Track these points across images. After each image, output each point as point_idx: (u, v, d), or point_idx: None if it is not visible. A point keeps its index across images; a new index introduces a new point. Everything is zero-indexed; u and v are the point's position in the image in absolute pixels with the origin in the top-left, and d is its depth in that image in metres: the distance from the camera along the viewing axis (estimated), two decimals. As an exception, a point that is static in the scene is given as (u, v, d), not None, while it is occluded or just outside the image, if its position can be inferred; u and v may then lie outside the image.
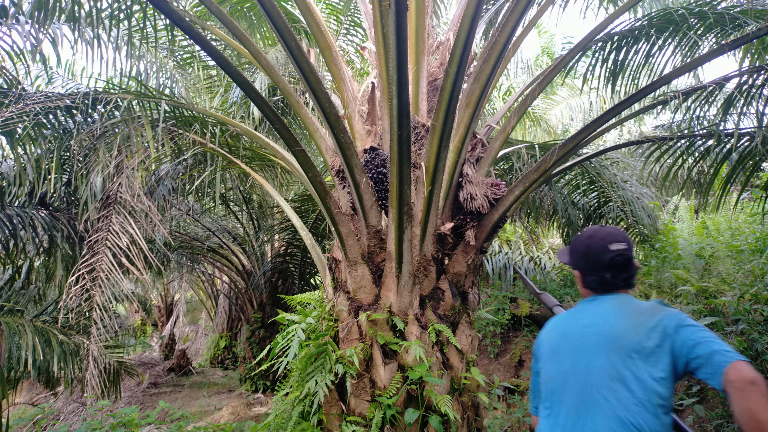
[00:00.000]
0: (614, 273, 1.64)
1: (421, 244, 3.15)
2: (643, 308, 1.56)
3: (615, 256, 1.62)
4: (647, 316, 1.52)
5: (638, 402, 1.44)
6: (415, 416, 2.81)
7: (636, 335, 1.49)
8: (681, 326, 1.46)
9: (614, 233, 1.68)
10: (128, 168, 4.14)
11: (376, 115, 3.56)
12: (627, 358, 1.48)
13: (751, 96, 3.73)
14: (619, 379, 1.47)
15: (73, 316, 3.81)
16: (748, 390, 1.27)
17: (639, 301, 1.62)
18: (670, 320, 1.48)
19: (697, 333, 1.44)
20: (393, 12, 2.16)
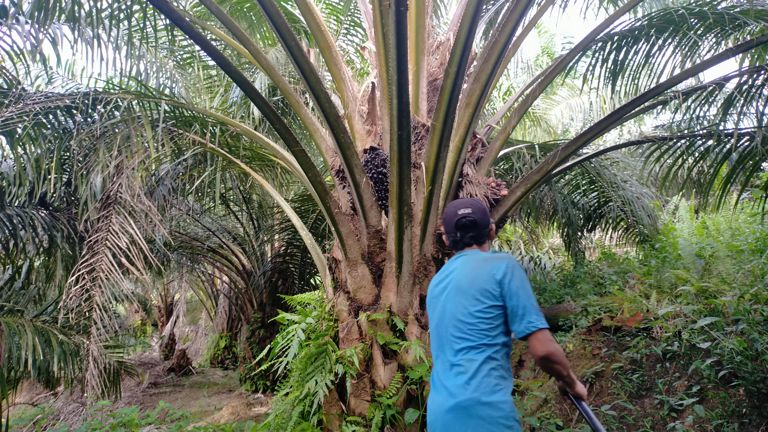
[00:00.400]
0: (462, 232, 1.97)
1: (421, 244, 3.15)
2: (482, 258, 1.88)
3: (460, 218, 1.96)
4: (484, 264, 1.84)
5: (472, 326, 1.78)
6: (415, 416, 2.81)
7: (476, 282, 1.81)
8: (505, 276, 1.76)
9: (465, 202, 2.01)
10: (128, 168, 4.14)
11: (376, 115, 3.56)
12: (470, 298, 1.81)
13: (751, 96, 3.73)
14: (463, 315, 1.81)
15: (73, 316, 3.81)
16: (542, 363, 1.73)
17: (482, 253, 1.93)
18: (500, 268, 1.78)
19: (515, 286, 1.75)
20: (393, 12, 2.16)
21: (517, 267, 1.80)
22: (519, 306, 1.72)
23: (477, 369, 1.74)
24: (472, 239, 1.98)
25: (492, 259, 1.85)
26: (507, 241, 9.19)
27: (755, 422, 3.27)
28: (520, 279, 1.76)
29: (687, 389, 3.82)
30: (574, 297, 6.13)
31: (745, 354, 3.40)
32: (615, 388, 4.28)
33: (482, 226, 1.97)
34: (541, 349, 1.67)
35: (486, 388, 1.71)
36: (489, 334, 1.77)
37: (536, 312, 1.73)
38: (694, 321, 4.09)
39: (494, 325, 1.78)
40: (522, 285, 1.76)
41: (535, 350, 1.69)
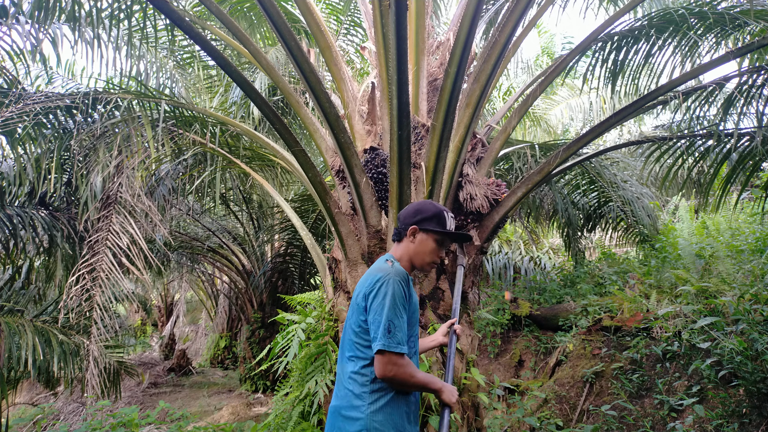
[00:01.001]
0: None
1: (421, 244, 3.14)
2: (372, 268, 1.89)
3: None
4: (366, 275, 1.85)
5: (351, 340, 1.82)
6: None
7: (357, 291, 1.84)
8: (369, 294, 1.76)
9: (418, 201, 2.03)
10: (128, 168, 4.14)
11: (376, 115, 3.56)
12: (351, 308, 1.85)
13: (751, 96, 3.73)
14: (345, 325, 1.88)
15: (73, 316, 3.81)
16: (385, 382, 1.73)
17: (377, 262, 1.92)
18: (369, 285, 1.78)
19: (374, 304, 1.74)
20: (393, 12, 2.16)
21: (388, 282, 1.74)
22: (372, 323, 1.72)
23: (346, 380, 1.79)
24: (395, 235, 1.98)
25: (373, 271, 1.84)
26: (507, 241, 9.19)
27: (755, 422, 3.27)
28: (383, 295, 1.72)
29: (687, 389, 3.83)
30: (574, 297, 6.13)
31: (745, 354, 3.40)
32: (615, 388, 4.28)
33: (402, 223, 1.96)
34: (378, 371, 1.69)
35: (347, 401, 1.76)
36: (359, 346, 1.79)
37: (383, 331, 1.68)
38: (694, 321, 4.09)
39: (363, 339, 1.78)
40: (382, 302, 1.72)
41: (375, 369, 1.71)
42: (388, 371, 1.68)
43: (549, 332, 5.88)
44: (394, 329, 1.69)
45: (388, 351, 1.67)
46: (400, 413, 1.78)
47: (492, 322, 6.04)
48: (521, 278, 7.44)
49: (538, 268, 7.77)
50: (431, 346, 2.21)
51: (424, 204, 1.97)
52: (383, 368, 1.68)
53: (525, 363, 5.83)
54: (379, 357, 1.68)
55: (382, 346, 1.66)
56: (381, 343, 1.67)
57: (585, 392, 4.53)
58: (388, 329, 1.69)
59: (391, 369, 1.68)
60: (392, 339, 1.68)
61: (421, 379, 1.76)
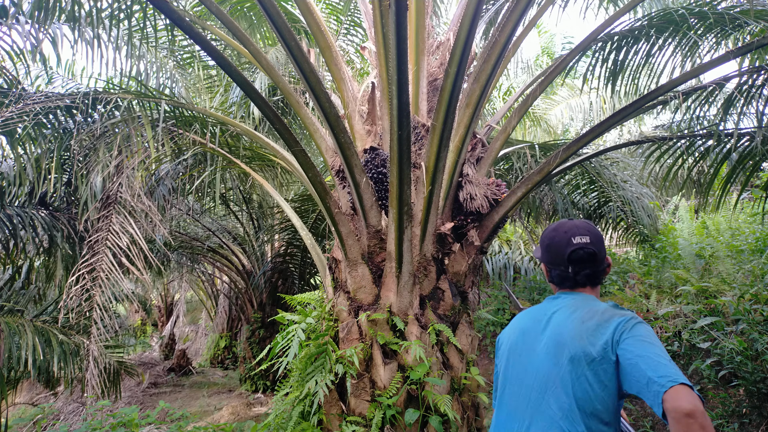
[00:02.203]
0: (575, 267, 1.56)
1: (421, 244, 3.15)
2: (596, 311, 1.48)
3: (576, 249, 1.54)
4: (598, 321, 1.44)
5: (576, 408, 1.39)
6: (415, 416, 2.81)
7: (585, 342, 1.42)
8: (624, 339, 1.37)
9: (579, 226, 1.58)
10: (128, 168, 4.14)
11: (376, 115, 3.56)
12: (575, 365, 1.41)
13: (751, 96, 3.73)
14: (562, 386, 1.42)
15: (73, 316, 3.80)
16: (684, 422, 1.19)
17: (596, 303, 1.53)
18: (618, 329, 1.39)
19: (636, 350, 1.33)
20: (393, 12, 2.16)
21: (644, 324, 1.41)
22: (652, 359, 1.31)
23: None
24: (587, 278, 1.57)
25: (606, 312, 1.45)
26: (507, 241, 9.19)
27: (755, 422, 3.27)
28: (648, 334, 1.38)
29: (687, 389, 3.83)
30: (574, 297, 6.13)
31: (745, 354, 3.40)
32: (615, 388, 4.28)
33: (600, 261, 1.57)
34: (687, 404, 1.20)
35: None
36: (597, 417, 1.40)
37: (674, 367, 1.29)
38: (694, 321, 4.09)
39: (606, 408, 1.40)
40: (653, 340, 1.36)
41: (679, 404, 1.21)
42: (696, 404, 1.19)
43: (549, 332, 5.87)
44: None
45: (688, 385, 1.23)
46: None
47: (492, 322, 6.04)
48: (521, 278, 7.44)
49: (538, 268, 7.77)
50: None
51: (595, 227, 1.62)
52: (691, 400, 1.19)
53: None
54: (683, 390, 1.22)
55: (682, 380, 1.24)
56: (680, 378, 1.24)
57: (585, 392, 4.52)
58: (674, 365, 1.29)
59: (696, 401, 1.20)
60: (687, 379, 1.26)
61: None
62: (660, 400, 1.23)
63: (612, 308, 1.48)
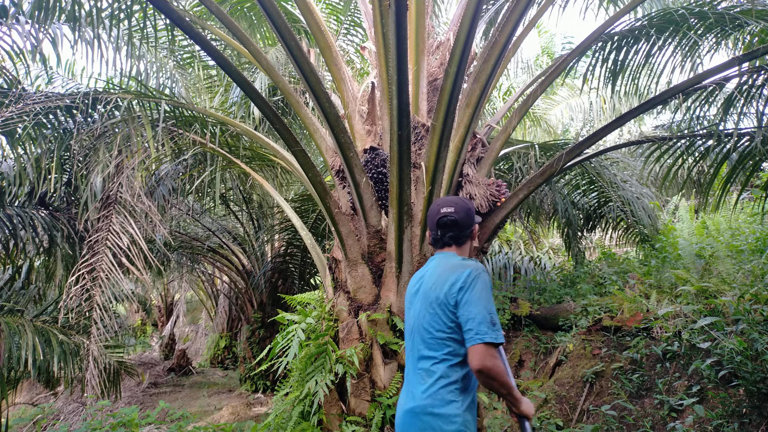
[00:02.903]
0: (442, 231, 1.96)
1: (421, 244, 3.15)
2: (450, 265, 1.84)
3: (442, 217, 1.94)
4: (449, 272, 1.81)
5: (434, 338, 1.80)
6: (415, 416, 2.81)
7: (438, 290, 1.80)
8: (463, 287, 1.74)
9: (449, 200, 1.99)
10: (128, 168, 4.14)
11: (376, 115, 3.55)
12: (432, 307, 1.81)
13: (751, 96, 3.73)
14: (425, 325, 1.83)
15: (73, 316, 3.80)
16: (477, 376, 1.66)
17: (453, 258, 1.90)
18: (459, 281, 1.75)
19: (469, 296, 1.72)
20: (393, 12, 2.16)
21: (480, 275, 1.75)
22: (469, 315, 1.68)
23: (435, 380, 1.76)
24: (451, 239, 1.96)
25: (457, 267, 1.81)
26: (507, 241, 9.19)
27: (755, 422, 3.27)
28: (481, 288, 1.72)
29: (687, 389, 3.83)
30: (574, 297, 6.13)
31: (745, 354, 3.40)
32: (615, 388, 4.28)
33: (463, 227, 1.95)
34: (476, 362, 1.62)
35: (440, 400, 1.73)
36: (449, 346, 1.76)
37: (487, 324, 1.65)
38: (694, 321, 4.09)
39: (455, 338, 1.76)
40: (480, 295, 1.71)
41: (471, 362, 1.65)
42: (488, 362, 1.61)
43: (549, 332, 5.88)
44: (497, 320, 1.68)
45: (492, 343, 1.62)
46: (474, 414, 1.78)
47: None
48: (521, 278, 7.44)
49: (538, 268, 7.77)
50: None
51: (467, 201, 2.00)
52: (482, 360, 1.61)
53: (525, 363, 5.82)
54: (481, 348, 1.61)
55: (488, 339, 1.61)
56: (486, 336, 1.62)
57: (585, 392, 4.53)
58: (492, 322, 1.66)
59: (491, 360, 1.61)
60: (497, 331, 1.64)
61: (509, 381, 1.69)
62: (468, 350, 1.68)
63: (461, 262, 1.85)
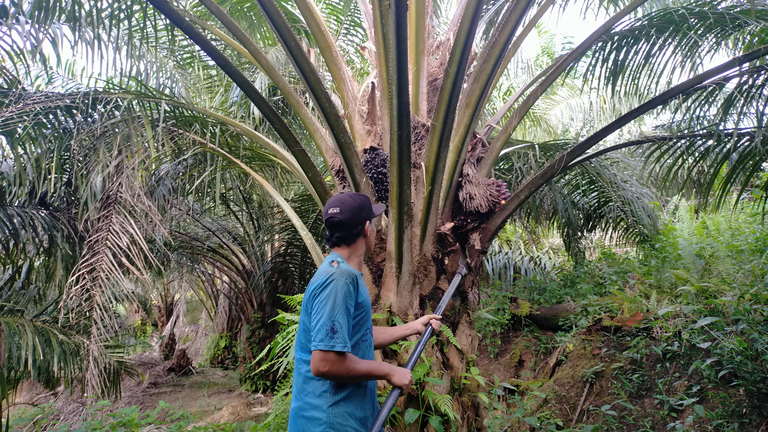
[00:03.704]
0: (330, 231, 1.99)
1: (421, 244, 3.15)
2: (320, 270, 1.88)
3: (329, 218, 1.95)
4: (316, 277, 1.84)
5: (300, 343, 1.86)
6: (415, 416, 2.81)
7: (307, 293, 1.85)
8: (317, 289, 1.77)
9: (337, 199, 1.98)
10: (128, 168, 4.14)
11: (376, 115, 3.55)
12: (303, 311, 1.85)
13: (751, 96, 3.73)
14: (300, 328, 1.88)
15: (73, 316, 3.80)
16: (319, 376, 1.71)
17: (325, 263, 1.91)
18: (318, 282, 1.78)
19: (316, 305, 1.75)
20: (393, 12, 2.16)
21: (334, 282, 1.75)
22: (314, 321, 1.73)
23: (303, 381, 1.81)
24: (339, 240, 1.97)
25: (321, 273, 1.83)
26: (507, 241, 9.19)
27: (755, 422, 3.27)
28: (327, 294, 1.73)
29: (687, 389, 3.83)
30: (574, 297, 6.13)
31: (745, 354, 3.40)
32: (615, 388, 4.28)
33: (349, 227, 1.95)
34: (313, 368, 1.69)
35: (308, 403, 1.77)
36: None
37: (326, 331, 1.68)
38: (694, 321, 4.09)
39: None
40: (326, 301, 1.72)
41: (310, 367, 1.71)
42: (322, 367, 1.67)
43: (549, 332, 5.88)
44: (340, 328, 1.69)
45: (326, 350, 1.66)
46: (359, 404, 1.80)
47: (492, 322, 6.04)
48: (521, 278, 7.44)
49: (538, 268, 7.77)
50: (404, 333, 2.23)
51: (357, 198, 2.01)
52: (317, 365, 1.68)
53: (525, 363, 5.82)
54: (315, 354, 1.68)
55: (322, 347, 1.66)
56: (321, 344, 1.67)
57: (585, 392, 4.53)
58: (332, 329, 1.68)
59: (325, 365, 1.67)
60: (334, 338, 1.67)
61: (363, 370, 1.76)
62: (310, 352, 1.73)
63: (327, 268, 1.85)
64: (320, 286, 1.77)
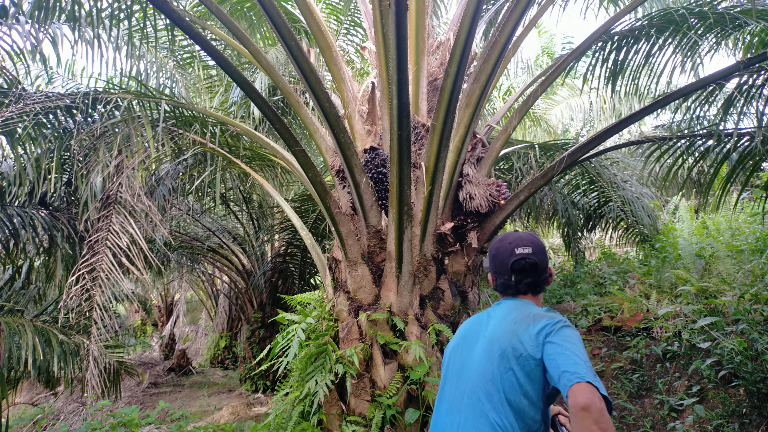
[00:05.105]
0: (518, 276, 1.65)
1: (421, 244, 3.15)
2: (530, 314, 1.56)
3: (519, 259, 1.63)
4: (528, 321, 1.53)
5: (506, 402, 1.46)
6: (416, 416, 2.81)
7: (515, 340, 1.51)
8: (548, 338, 1.46)
9: (523, 237, 1.68)
10: (128, 168, 4.14)
11: (376, 115, 3.55)
12: (504, 360, 1.50)
13: (751, 96, 3.73)
14: (491, 380, 1.50)
15: (73, 316, 3.81)
16: (580, 416, 1.27)
17: (532, 307, 1.62)
18: (545, 330, 1.48)
19: (557, 348, 1.43)
20: (393, 12, 2.16)
21: (570, 328, 1.49)
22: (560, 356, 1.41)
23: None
24: (528, 287, 1.65)
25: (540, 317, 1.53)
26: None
27: (755, 422, 3.27)
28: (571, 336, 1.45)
29: (687, 389, 3.82)
30: (574, 297, 6.13)
31: (745, 354, 3.40)
32: (615, 388, 4.28)
33: (542, 271, 1.65)
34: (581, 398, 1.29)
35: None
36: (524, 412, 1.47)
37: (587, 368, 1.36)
38: (694, 321, 4.09)
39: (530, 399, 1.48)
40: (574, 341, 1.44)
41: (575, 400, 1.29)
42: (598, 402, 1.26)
43: (549, 332, 5.87)
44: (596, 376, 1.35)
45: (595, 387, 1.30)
46: None
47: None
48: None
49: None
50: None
51: (539, 239, 1.72)
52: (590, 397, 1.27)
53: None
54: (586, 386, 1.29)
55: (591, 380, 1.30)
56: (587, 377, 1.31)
57: (585, 392, 4.52)
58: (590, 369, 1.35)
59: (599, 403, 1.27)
60: (597, 379, 1.33)
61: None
62: (566, 392, 1.32)
63: (545, 312, 1.57)
64: (557, 327, 1.47)
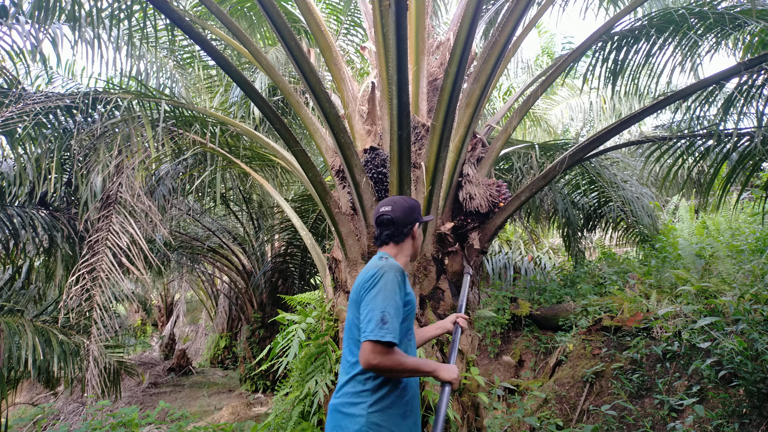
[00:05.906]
0: (380, 229, 2.03)
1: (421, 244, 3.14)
2: (370, 266, 1.88)
3: (380, 216, 2.02)
4: (364, 273, 1.85)
5: (352, 338, 1.85)
6: (415, 416, 2.81)
7: (356, 288, 1.85)
8: (365, 287, 1.78)
9: (390, 199, 2.06)
10: (128, 168, 4.14)
11: (376, 115, 3.55)
12: (353, 307, 1.85)
13: (751, 96, 3.73)
14: (348, 327, 1.88)
15: (73, 316, 3.81)
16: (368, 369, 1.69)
17: (376, 259, 1.93)
18: (365, 280, 1.80)
19: (364, 303, 1.75)
20: (393, 12, 2.16)
21: (384, 275, 1.76)
22: (364, 315, 1.72)
23: (347, 380, 1.81)
24: (388, 237, 2.01)
25: (369, 267, 1.85)
26: (507, 241, 9.18)
27: (755, 422, 3.27)
28: (378, 286, 1.74)
29: (687, 389, 3.82)
30: (574, 297, 6.13)
31: (745, 354, 3.40)
32: (615, 388, 4.28)
33: (399, 225, 1.99)
34: (363, 360, 1.67)
35: (348, 401, 1.78)
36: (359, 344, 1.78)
37: (377, 322, 1.67)
38: (694, 321, 4.09)
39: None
40: (376, 293, 1.73)
41: (360, 359, 1.69)
42: (372, 359, 1.65)
43: (549, 332, 5.88)
44: (390, 319, 1.68)
45: (376, 341, 1.64)
46: (398, 412, 1.80)
47: (492, 322, 6.04)
48: (521, 278, 7.44)
49: (538, 268, 7.77)
50: (436, 333, 2.26)
51: (409, 200, 2.05)
52: (367, 357, 1.65)
53: (525, 363, 5.82)
54: (366, 346, 1.66)
55: (372, 337, 1.64)
56: (371, 334, 1.65)
57: (585, 392, 4.53)
58: (382, 319, 1.67)
59: (376, 357, 1.65)
60: (384, 329, 1.65)
61: (411, 364, 1.75)
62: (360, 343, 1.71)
63: (377, 262, 1.87)
64: (370, 279, 1.77)
